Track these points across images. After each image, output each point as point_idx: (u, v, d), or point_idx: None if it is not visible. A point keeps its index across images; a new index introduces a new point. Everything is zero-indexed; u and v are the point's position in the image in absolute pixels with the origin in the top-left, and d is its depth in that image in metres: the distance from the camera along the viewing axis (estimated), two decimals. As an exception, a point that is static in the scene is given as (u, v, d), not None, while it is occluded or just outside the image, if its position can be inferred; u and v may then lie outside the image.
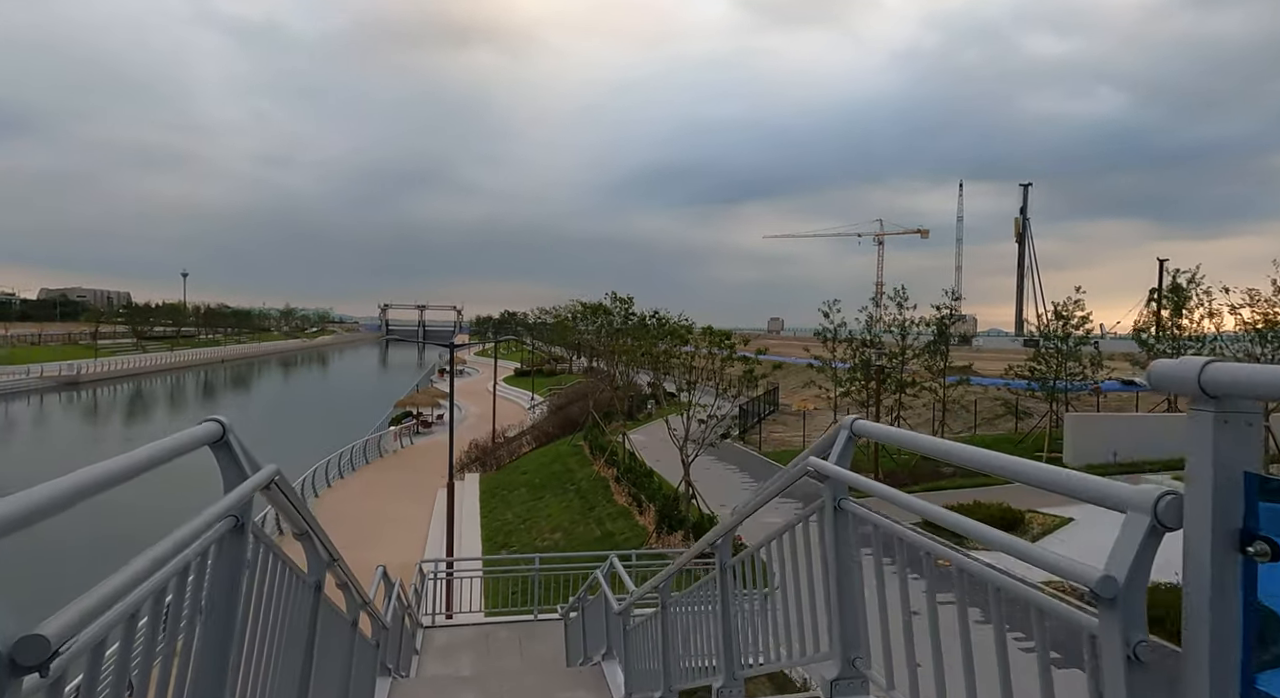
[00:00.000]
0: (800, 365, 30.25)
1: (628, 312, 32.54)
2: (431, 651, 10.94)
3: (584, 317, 43.12)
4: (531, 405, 54.32)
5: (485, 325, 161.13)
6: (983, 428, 32.31)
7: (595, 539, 19.50)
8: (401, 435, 42.64)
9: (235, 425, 2.30)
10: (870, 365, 24.38)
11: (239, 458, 2.29)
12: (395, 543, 22.56)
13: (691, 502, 18.12)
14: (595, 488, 24.25)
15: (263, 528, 2.66)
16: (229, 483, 2.29)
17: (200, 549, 2.01)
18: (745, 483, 24.27)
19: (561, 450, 32.89)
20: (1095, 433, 24.38)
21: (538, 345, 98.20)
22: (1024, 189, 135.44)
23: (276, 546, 2.78)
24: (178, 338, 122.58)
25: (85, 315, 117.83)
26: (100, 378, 78.67)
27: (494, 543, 21.92)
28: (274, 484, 2.48)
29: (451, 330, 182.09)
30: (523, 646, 11.24)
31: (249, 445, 2.36)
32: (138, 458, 1.65)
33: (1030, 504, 19.26)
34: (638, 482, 21.60)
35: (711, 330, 17.57)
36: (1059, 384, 26.33)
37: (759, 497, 3.50)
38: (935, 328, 25.80)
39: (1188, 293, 26.36)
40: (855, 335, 25.69)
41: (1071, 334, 25.51)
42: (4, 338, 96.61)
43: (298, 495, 2.83)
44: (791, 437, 33.83)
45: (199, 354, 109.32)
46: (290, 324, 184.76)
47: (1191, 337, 26.57)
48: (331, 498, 28.84)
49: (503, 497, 27.64)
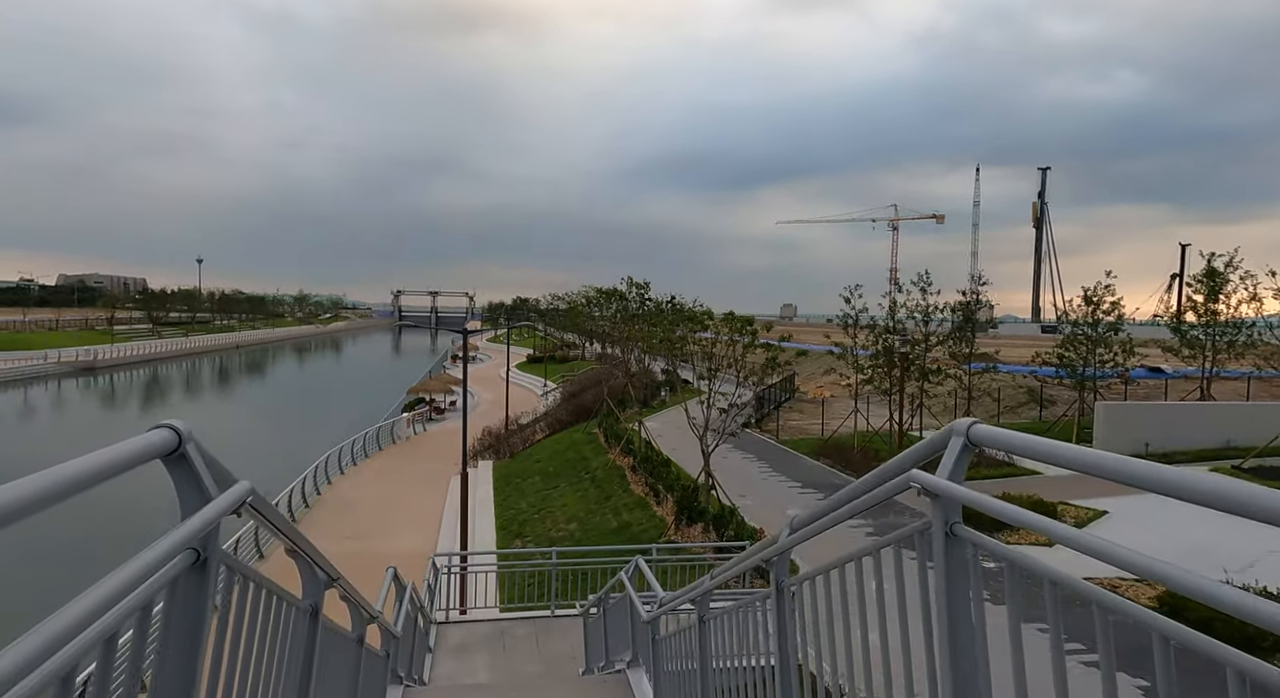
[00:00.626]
0: (820, 352, 29.62)
1: (644, 297, 31.93)
2: (445, 649, 10.54)
3: (598, 302, 42.54)
4: (544, 392, 53.98)
5: (497, 311, 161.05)
6: (1005, 416, 31.56)
7: (612, 530, 19.07)
8: (414, 422, 42.44)
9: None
10: (893, 352, 23.71)
11: (199, 476, 1.78)
12: (408, 531, 22.28)
13: (711, 493, 17.62)
14: (611, 477, 23.81)
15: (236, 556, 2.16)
16: (187, 507, 1.78)
17: (141, 601, 1.51)
18: (764, 473, 23.74)
19: (576, 438, 32.48)
20: (1127, 422, 23.64)
21: (550, 332, 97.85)
22: (1042, 173, 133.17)
23: (257, 574, 2.29)
24: (193, 324, 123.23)
25: (102, 301, 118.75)
26: (116, 363, 79.12)
27: (508, 533, 21.56)
28: (247, 507, 1.98)
29: (464, 316, 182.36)
30: (540, 644, 10.83)
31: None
32: (47, 483, 1.14)
33: (1061, 496, 18.62)
34: (655, 471, 21.12)
35: (733, 316, 16.97)
36: (1088, 372, 25.56)
37: (830, 514, 2.94)
38: (960, 313, 25.06)
39: (1224, 277, 25.44)
40: (877, 321, 25.01)
41: (1102, 320, 24.68)
42: (22, 323, 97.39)
43: (281, 516, 2.32)
44: (809, 424, 33.22)
45: (214, 340, 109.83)
46: (304, 310, 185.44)
47: (1229, 321, 25.67)
48: (344, 485, 28.63)
49: (517, 485, 27.29)
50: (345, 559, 15.94)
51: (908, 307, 24.75)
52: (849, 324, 25.11)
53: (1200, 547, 13.44)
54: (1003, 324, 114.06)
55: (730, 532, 15.31)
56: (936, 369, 24.22)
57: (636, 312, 33.40)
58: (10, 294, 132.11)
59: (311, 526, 23.13)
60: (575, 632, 10.54)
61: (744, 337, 17.11)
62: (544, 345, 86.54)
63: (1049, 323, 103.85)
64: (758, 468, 24.31)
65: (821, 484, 22.07)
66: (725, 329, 17.20)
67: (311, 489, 26.25)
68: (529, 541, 20.02)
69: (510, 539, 20.70)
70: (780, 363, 18.77)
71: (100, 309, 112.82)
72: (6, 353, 71.83)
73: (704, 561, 13.24)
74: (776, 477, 23.15)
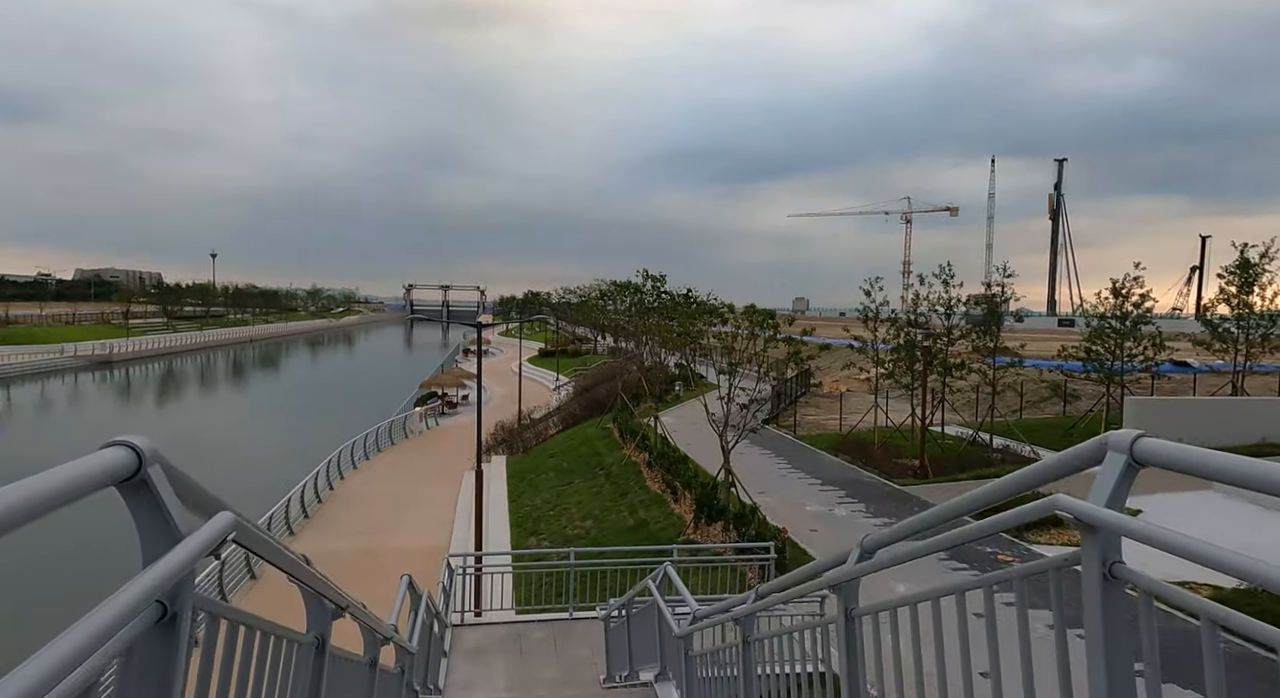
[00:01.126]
0: (839, 346, 29.05)
1: (660, 290, 31.48)
2: (461, 652, 10.19)
3: (612, 295, 42.11)
4: (556, 386, 53.69)
5: (509, 306, 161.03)
6: (1028, 412, 30.92)
7: (628, 528, 18.69)
8: (427, 416, 42.25)
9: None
10: (915, 346, 23.15)
11: (164, 508, 1.37)
12: (421, 528, 22.01)
13: (731, 490, 17.20)
14: (627, 473, 23.43)
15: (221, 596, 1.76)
16: (149, 549, 1.38)
17: (82, 681, 1.12)
18: (783, 469, 23.28)
19: (589, 433, 32.13)
20: (1158, 418, 22.99)
21: (562, 326, 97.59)
22: (1059, 164, 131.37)
23: (246, 615, 1.89)
24: (207, 317, 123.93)
25: (118, 295, 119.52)
26: (132, 357, 79.59)
27: (523, 530, 21.24)
28: (230, 543, 1.57)
29: (475, 310, 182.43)
30: (559, 647, 10.46)
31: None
32: None
33: (1091, 495, 18.07)
34: (672, 468, 20.72)
35: (754, 310, 16.50)
36: (1116, 366, 24.89)
37: (922, 539, 2.51)
38: (984, 306, 24.45)
39: (1259, 268, 24.67)
40: (899, 315, 24.44)
41: (1132, 313, 23.99)
42: (39, 317, 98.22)
43: (276, 546, 1.91)
44: (826, 419, 32.70)
45: (228, 334, 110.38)
46: (317, 304, 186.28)
47: (1264, 314, 24.91)
48: (357, 480, 28.42)
49: (530, 481, 26.98)
50: (358, 557, 15.56)
51: (929, 300, 24.19)
52: (869, 318, 24.58)
53: (1249, 547, 12.89)
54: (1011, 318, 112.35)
55: (751, 531, 14.89)
56: (960, 364, 23.64)
57: (652, 305, 32.92)
58: (28, 288, 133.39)
59: (323, 522, 22.90)
60: (594, 636, 10.16)
61: (765, 330, 16.63)
62: (555, 340, 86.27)
63: (1065, 316, 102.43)
64: (776, 464, 23.85)
65: (842, 481, 21.59)
66: (746, 323, 16.72)
67: (324, 484, 26.04)
68: (544, 538, 19.68)
69: (525, 537, 20.37)
70: (803, 358, 18.26)
71: (116, 303, 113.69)
72: (24, 347, 72.42)
73: (726, 562, 12.83)
74: (796, 473, 22.69)
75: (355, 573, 17.51)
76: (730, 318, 17.93)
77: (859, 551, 2.99)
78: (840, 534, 16.67)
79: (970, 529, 2.18)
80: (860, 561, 2.98)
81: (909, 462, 22.83)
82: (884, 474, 22.07)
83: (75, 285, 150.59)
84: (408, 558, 18.39)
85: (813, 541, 16.06)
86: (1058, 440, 25.73)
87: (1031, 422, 28.74)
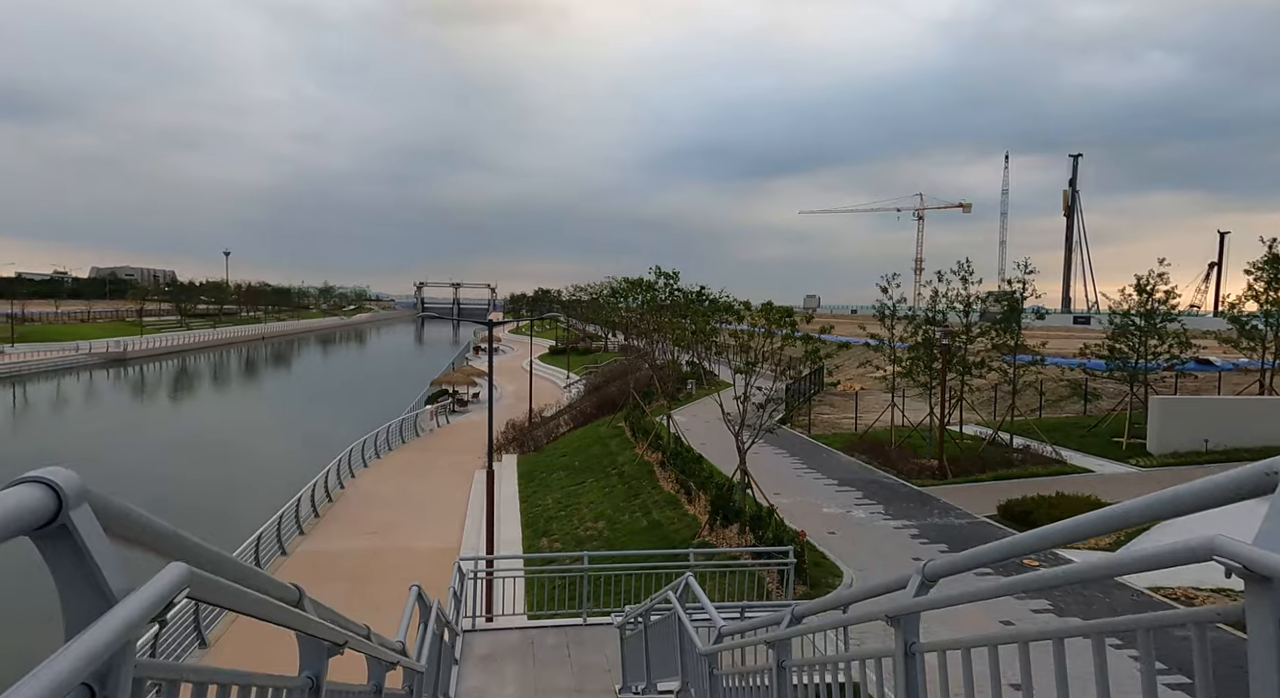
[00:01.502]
0: (856, 345, 28.59)
1: (673, 287, 31.12)
2: (471, 659, 9.91)
3: (625, 292, 41.78)
4: (567, 384, 53.44)
5: (520, 303, 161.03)
6: (1048, 411, 30.38)
7: (642, 529, 18.37)
8: (438, 414, 42.11)
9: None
10: (934, 344, 22.69)
11: (92, 563, 1.06)
12: (432, 528, 21.79)
13: (747, 492, 16.84)
14: (639, 473, 23.10)
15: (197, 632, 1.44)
16: (74, 616, 1.07)
17: None
18: (798, 469, 22.90)
19: (601, 432, 31.83)
20: (1184, 417, 22.44)
21: (573, 323, 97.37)
22: (1073, 160, 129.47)
23: (212, 671, 1.58)
24: (220, 315, 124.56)
25: (132, 293, 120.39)
26: (146, 355, 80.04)
27: (534, 530, 20.96)
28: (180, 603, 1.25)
29: (485, 308, 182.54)
30: (572, 655, 10.16)
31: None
32: None
33: (1117, 495, 17.59)
34: (686, 468, 20.37)
35: (771, 307, 16.11)
36: (1140, 364, 24.32)
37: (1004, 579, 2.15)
38: (1005, 303, 23.94)
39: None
40: (917, 312, 23.98)
41: (1157, 310, 23.42)
42: (55, 315, 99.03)
43: (251, 595, 1.59)
44: (841, 418, 32.25)
45: (240, 331, 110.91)
46: (328, 302, 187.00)
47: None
48: (367, 479, 28.26)
49: (542, 480, 26.70)
50: (368, 557, 15.28)
51: (948, 297, 23.73)
52: (885, 315, 24.13)
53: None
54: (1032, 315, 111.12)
55: (768, 534, 14.53)
56: (980, 362, 23.16)
57: (665, 302, 32.57)
58: (44, 286, 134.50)
59: (334, 522, 22.72)
60: (610, 644, 9.85)
61: (782, 329, 16.25)
62: (566, 337, 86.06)
63: (1080, 313, 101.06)
64: (791, 464, 23.47)
65: (859, 481, 21.19)
66: (763, 320, 16.34)
67: (334, 483, 25.89)
68: (555, 539, 19.39)
69: (536, 538, 20.09)
70: (822, 356, 17.86)
71: (130, 301, 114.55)
72: (40, 344, 72.96)
73: (744, 566, 12.49)
74: (811, 474, 22.31)
75: (365, 574, 17.31)
76: (747, 316, 17.55)
77: (920, 577, 2.64)
78: (860, 538, 16.28)
79: (1081, 569, 1.82)
80: (921, 589, 2.64)
81: (927, 462, 22.39)
82: (901, 475, 21.64)
83: (90, 283, 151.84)
84: (418, 558, 18.17)
85: (831, 543, 15.69)
86: (1078, 440, 25.19)
87: (1051, 421, 28.20)
